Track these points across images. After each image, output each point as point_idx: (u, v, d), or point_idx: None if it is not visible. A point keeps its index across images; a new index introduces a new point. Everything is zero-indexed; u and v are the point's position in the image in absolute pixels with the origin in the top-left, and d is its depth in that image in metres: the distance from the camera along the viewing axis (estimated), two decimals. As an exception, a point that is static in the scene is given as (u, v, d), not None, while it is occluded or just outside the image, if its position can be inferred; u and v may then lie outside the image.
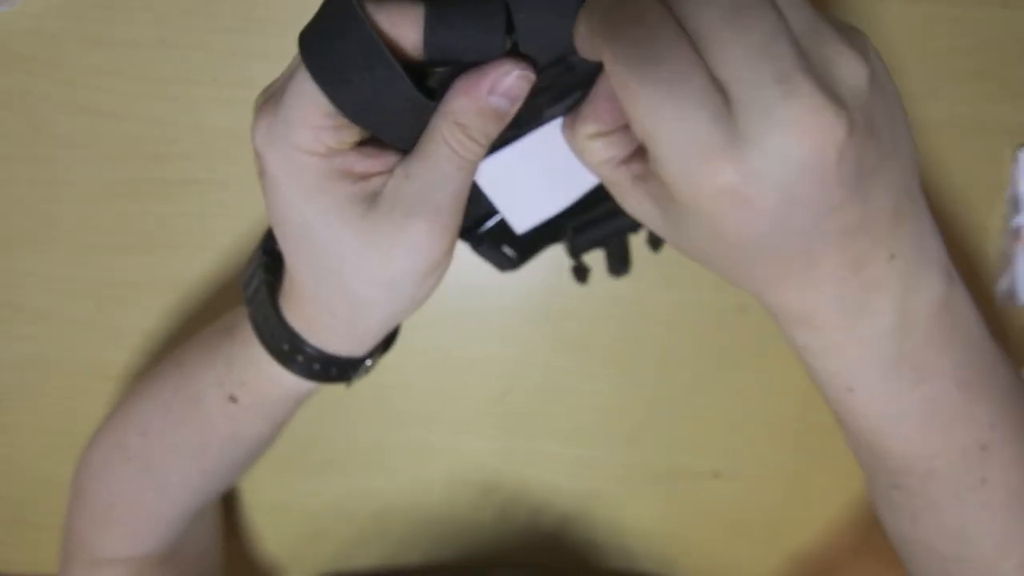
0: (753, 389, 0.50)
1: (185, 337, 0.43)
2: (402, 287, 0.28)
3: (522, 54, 0.25)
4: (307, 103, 0.24)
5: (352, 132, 0.25)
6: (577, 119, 0.26)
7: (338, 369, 0.32)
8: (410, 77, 0.24)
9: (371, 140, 0.27)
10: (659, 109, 0.21)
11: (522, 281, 0.49)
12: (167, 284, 0.48)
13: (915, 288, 0.25)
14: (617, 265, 0.40)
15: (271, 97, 0.26)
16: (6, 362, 0.50)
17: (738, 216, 0.22)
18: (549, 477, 0.52)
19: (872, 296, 0.25)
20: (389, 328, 0.31)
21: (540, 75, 0.25)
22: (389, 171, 0.27)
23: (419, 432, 0.51)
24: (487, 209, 0.31)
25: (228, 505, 0.52)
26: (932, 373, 0.27)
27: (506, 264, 0.35)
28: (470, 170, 0.26)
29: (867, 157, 0.22)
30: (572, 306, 0.49)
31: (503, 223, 0.33)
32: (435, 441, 0.51)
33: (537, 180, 0.31)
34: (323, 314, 0.29)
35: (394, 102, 0.24)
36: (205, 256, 0.48)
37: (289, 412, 0.36)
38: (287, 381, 0.32)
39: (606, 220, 0.35)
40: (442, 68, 0.25)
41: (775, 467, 0.51)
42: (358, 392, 0.50)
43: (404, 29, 0.24)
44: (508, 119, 0.25)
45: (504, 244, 0.34)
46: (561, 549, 0.53)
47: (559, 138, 0.28)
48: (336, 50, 0.24)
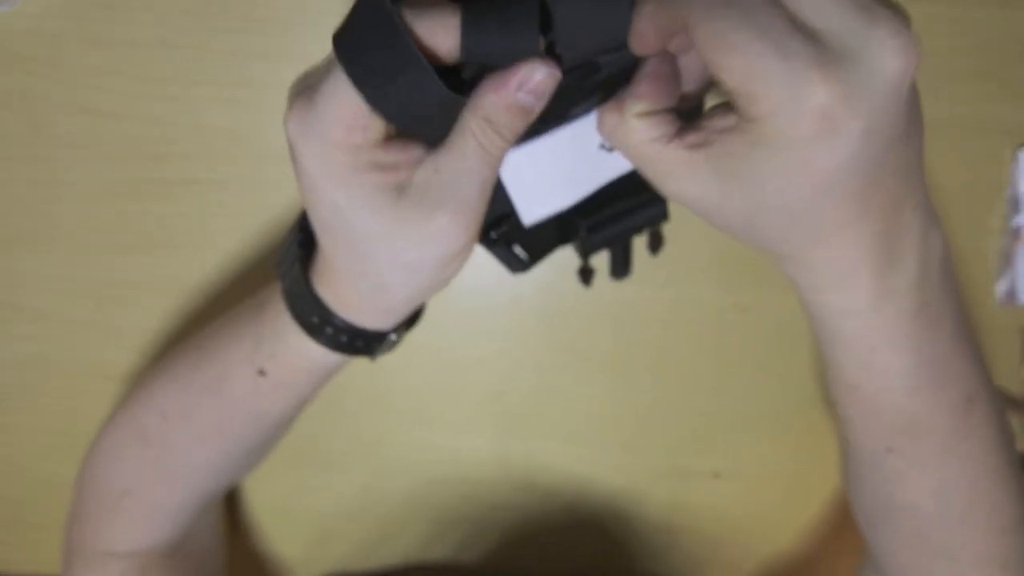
0: (753, 389, 0.50)
1: (185, 337, 0.43)
2: (426, 271, 0.29)
3: (549, 54, 0.25)
4: (342, 102, 0.25)
5: (382, 128, 0.26)
6: (626, 100, 0.27)
7: (364, 342, 0.33)
8: (442, 71, 0.25)
9: (398, 133, 0.28)
10: (756, 47, 0.22)
11: (520, 281, 0.49)
12: (167, 284, 0.48)
13: (930, 236, 0.27)
14: (619, 267, 0.41)
15: (306, 88, 0.27)
16: (6, 362, 0.50)
17: (827, 142, 0.23)
18: (548, 477, 0.52)
19: (903, 243, 0.26)
20: (413, 306, 0.32)
21: (567, 75, 0.26)
22: (415, 163, 0.28)
23: (418, 432, 0.51)
24: (501, 210, 0.32)
25: (232, 505, 0.52)
26: (939, 324, 0.28)
27: (517, 265, 0.36)
28: (495, 165, 0.28)
29: (915, 98, 0.24)
30: (570, 306, 0.49)
31: (515, 222, 0.33)
32: (434, 441, 0.51)
33: (551, 176, 0.32)
34: (351, 291, 0.31)
35: (428, 103, 0.25)
36: (205, 256, 0.48)
37: (313, 388, 0.37)
38: (315, 354, 0.33)
39: (616, 220, 0.36)
40: (475, 64, 0.26)
41: (775, 467, 0.51)
42: (358, 392, 0.50)
43: (441, 38, 0.25)
44: (534, 116, 0.26)
45: (515, 244, 0.35)
46: (560, 548, 0.53)
47: (576, 138, 0.30)
48: (373, 57, 0.24)
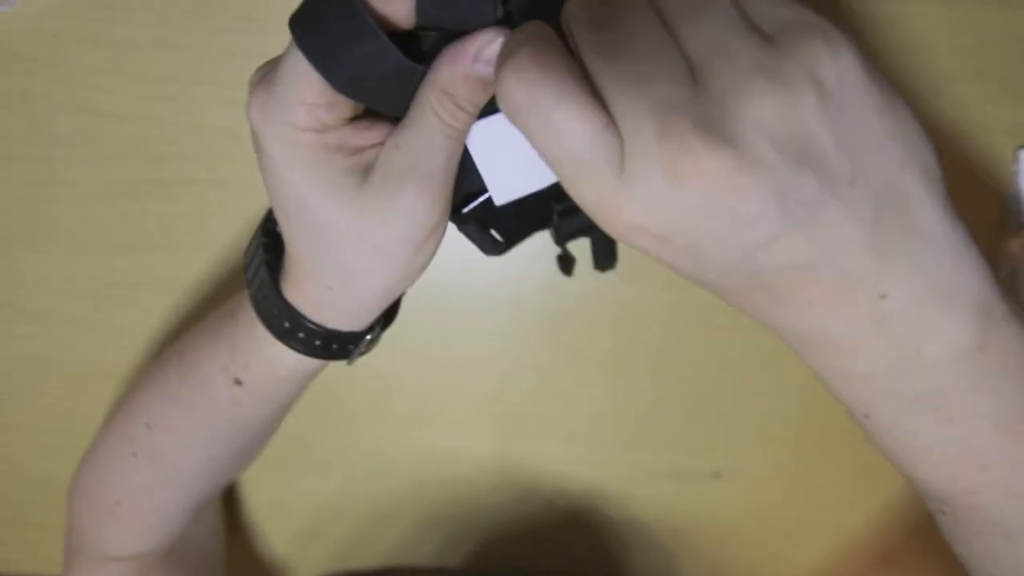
0: (753, 389, 0.50)
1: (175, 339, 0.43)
2: (397, 256, 0.28)
3: (509, 23, 0.25)
4: (301, 81, 0.25)
5: (346, 107, 0.26)
6: None
7: (339, 345, 0.32)
8: (400, 44, 0.24)
9: (365, 113, 0.27)
10: (561, 148, 0.21)
11: (519, 281, 0.49)
12: (167, 284, 0.48)
13: (926, 330, 0.22)
14: (602, 258, 0.39)
15: (266, 75, 0.27)
16: (6, 362, 0.50)
17: (663, 252, 0.21)
18: (548, 477, 0.52)
19: (868, 334, 0.22)
20: (387, 301, 0.31)
21: None
22: (382, 143, 0.27)
23: (417, 432, 0.51)
24: (476, 187, 0.31)
25: (230, 504, 0.52)
26: (962, 414, 0.23)
27: (492, 248, 0.35)
28: (459, 138, 0.27)
29: (801, 189, 0.19)
30: (570, 306, 0.49)
31: (490, 204, 0.32)
32: (433, 441, 0.51)
33: (523, 154, 0.31)
34: (322, 289, 0.30)
35: (386, 74, 0.25)
36: (205, 256, 0.48)
37: (294, 394, 0.36)
38: (290, 360, 0.33)
39: None
40: (433, 35, 0.25)
41: (775, 467, 0.51)
42: (356, 393, 0.50)
43: (396, 4, 0.24)
44: (494, 87, 0.26)
45: (491, 227, 0.34)
46: (561, 549, 0.53)
47: None
48: (326, 28, 0.24)
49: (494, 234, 0.34)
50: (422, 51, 0.26)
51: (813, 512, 0.52)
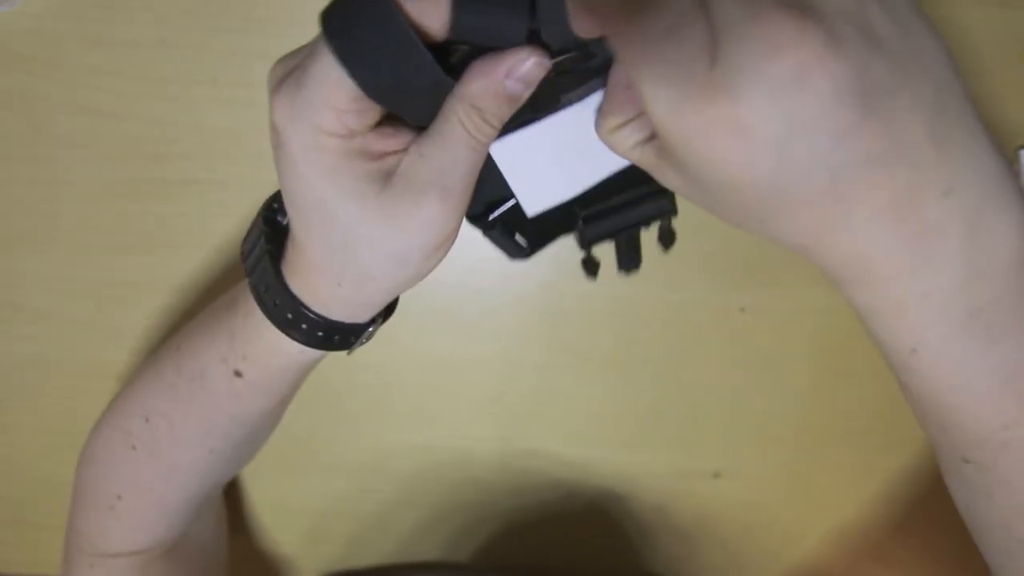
0: (753, 389, 0.50)
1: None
2: (411, 260, 0.29)
3: (538, 41, 0.25)
4: (332, 85, 0.25)
5: (373, 114, 0.26)
6: (599, 116, 0.27)
7: (340, 336, 0.32)
8: (433, 56, 0.25)
9: (387, 119, 0.27)
10: (642, 52, 0.21)
11: (521, 281, 0.49)
12: (167, 284, 0.48)
13: (984, 231, 0.22)
14: (626, 260, 0.39)
15: (291, 72, 0.26)
16: (6, 362, 0.50)
17: (739, 151, 0.21)
18: (548, 477, 0.52)
19: (932, 242, 0.22)
20: (391, 298, 0.32)
21: (559, 60, 0.26)
22: (404, 149, 0.27)
23: (418, 432, 0.51)
24: (500, 194, 0.31)
25: (233, 504, 0.52)
26: (1008, 333, 0.24)
27: (517, 253, 0.35)
28: (482, 151, 0.27)
29: (874, 71, 0.20)
30: (571, 306, 0.49)
31: (515, 210, 0.33)
32: (434, 440, 0.51)
33: (552, 164, 0.32)
34: (331, 284, 0.30)
35: (420, 85, 0.25)
36: (205, 256, 0.48)
37: (292, 385, 0.36)
38: (290, 350, 0.33)
39: (617, 212, 0.35)
40: (464, 46, 0.26)
41: (775, 467, 0.51)
42: (358, 393, 0.50)
43: (431, 16, 0.24)
44: (521, 103, 0.26)
45: (516, 232, 0.34)
46: (561, 549, 0.53)
47: (576, 124, 0.29)
48: (363, 36, 0.24)
49: (519, 239, 0.34)
50: (450, 63, 0.26)
51: (813, 512, 0.52)
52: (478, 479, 0.52)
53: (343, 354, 0.34)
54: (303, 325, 0.31)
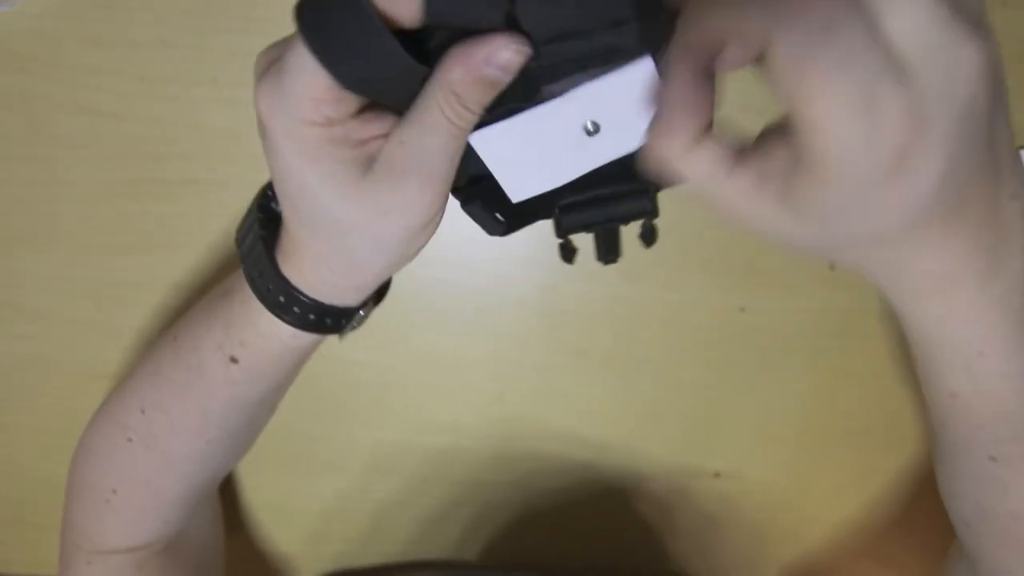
0: (753, 389, 0.50)
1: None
2: (395, 244, 0.29)
3: (518, 28, 0.25)
4: (307, 77, 0.25)
5: (352, 102, 0.26)
6: (655, 137, 0.24)
7: (332, 319, 0.33)
8: (407, 42, 0.24)
9: (369, 105, 0.28)
10: (840, 85, 0.20)
11: (520, 282, 0.49)
12: (167, 284, 0.48)
13: None
14: (604, 252, 0.39)
15: (273, 63, 0.27)
16: (6, 362, 0.50)
17: (908, 179, 0.21)
18: (548, 477, 0.52)
19: (1003, 241, 0.24)
20: (381, 280, 0.32)
21: (541, 49, 0.25)
22: (386, 135, 0.28)
23: (418, 432, 0.51)
24: (480, 170, 0.31)
25: (233, 504, 0.52)
26: None
27: (495, 229, 0.35)
28: (462, 136, 0.27)
29: (997, 84, 0.22)
30: (571, 306, 0.49)
31: (498, 189, 0.32)
32: (434, 441, 0.51)
33: (537, 155, 0.31)
34: (319, 268, 0.31)
35: (392, 73, 0.25)
36: (205, 256, 0.48)
37: (288, 372, 0.36)
38: (284, 334, 0.33)
39: (595, 206, 0.35)
40: (439, 32, 0.26)
41: (775, 467, 0.51)
42: (357, 393, 0.50)
43: (401, 5, 0.24)
44: (500, 89, 0.26)
45: (496, 210, 0.34)
46: (561, 549, 0.53)
47: (559, 119, 0.29)
48: (332, 25, 0.24)
49: (498, 216, 0.34)
50: (427, 48, 0.26)
51: (813, 512, 0.52)
52: (478, 479, 0.52)
53: (337, 340, 0.35)
54: (295, 308, 0.32)
